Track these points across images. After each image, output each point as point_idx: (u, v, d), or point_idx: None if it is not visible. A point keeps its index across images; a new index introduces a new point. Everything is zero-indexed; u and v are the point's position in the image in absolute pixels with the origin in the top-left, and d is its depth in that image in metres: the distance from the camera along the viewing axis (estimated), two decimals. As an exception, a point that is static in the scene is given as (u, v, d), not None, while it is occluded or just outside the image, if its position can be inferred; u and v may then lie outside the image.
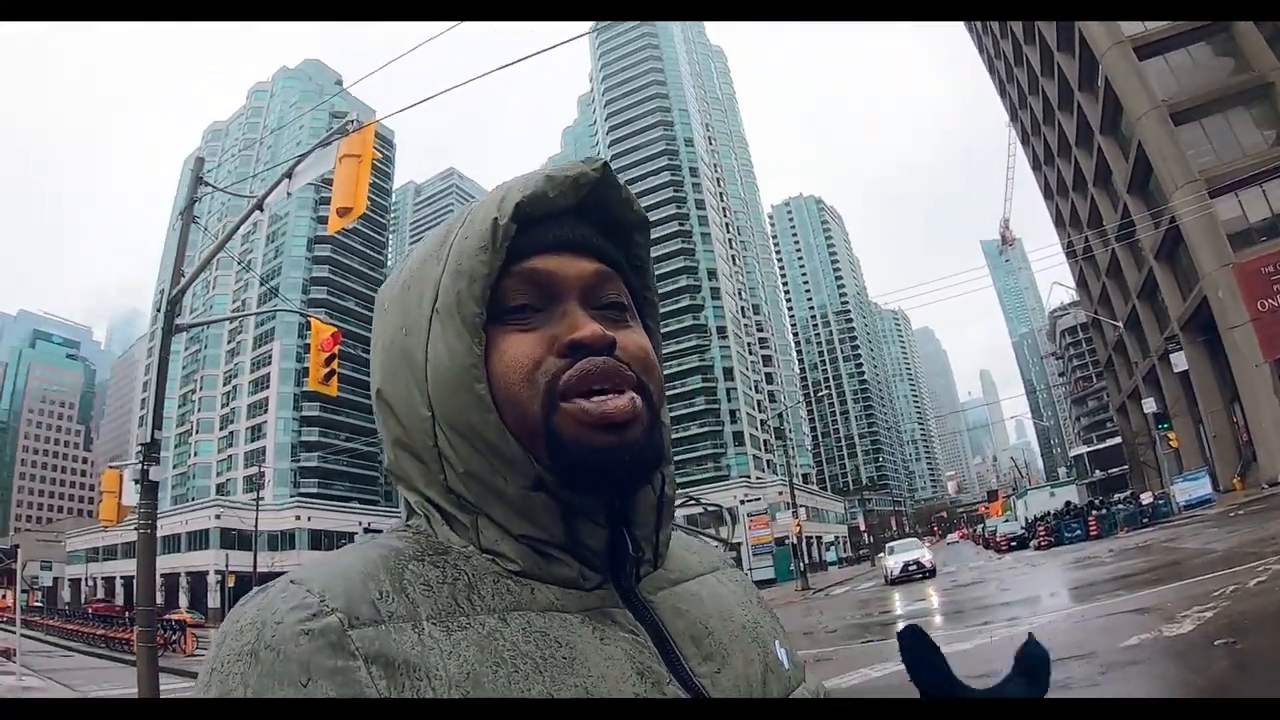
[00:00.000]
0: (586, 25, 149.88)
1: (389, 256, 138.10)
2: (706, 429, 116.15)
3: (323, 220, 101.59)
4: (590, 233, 0.87)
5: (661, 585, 0.88)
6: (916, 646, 0.78)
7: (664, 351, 0.94)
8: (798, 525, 51.31)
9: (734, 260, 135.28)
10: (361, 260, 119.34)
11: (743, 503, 72.49)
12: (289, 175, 13.97)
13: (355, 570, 0.74)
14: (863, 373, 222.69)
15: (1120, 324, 56.89)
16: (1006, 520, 68.53)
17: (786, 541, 63.86)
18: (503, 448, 0.78)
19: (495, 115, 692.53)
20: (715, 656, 0.84)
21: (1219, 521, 26.84)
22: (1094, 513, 45.15)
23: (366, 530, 77.58)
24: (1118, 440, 74.74)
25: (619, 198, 0.90)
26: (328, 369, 14.79)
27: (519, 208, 0.81)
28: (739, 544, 60.19)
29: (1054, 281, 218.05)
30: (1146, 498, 42.66)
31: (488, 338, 0.80)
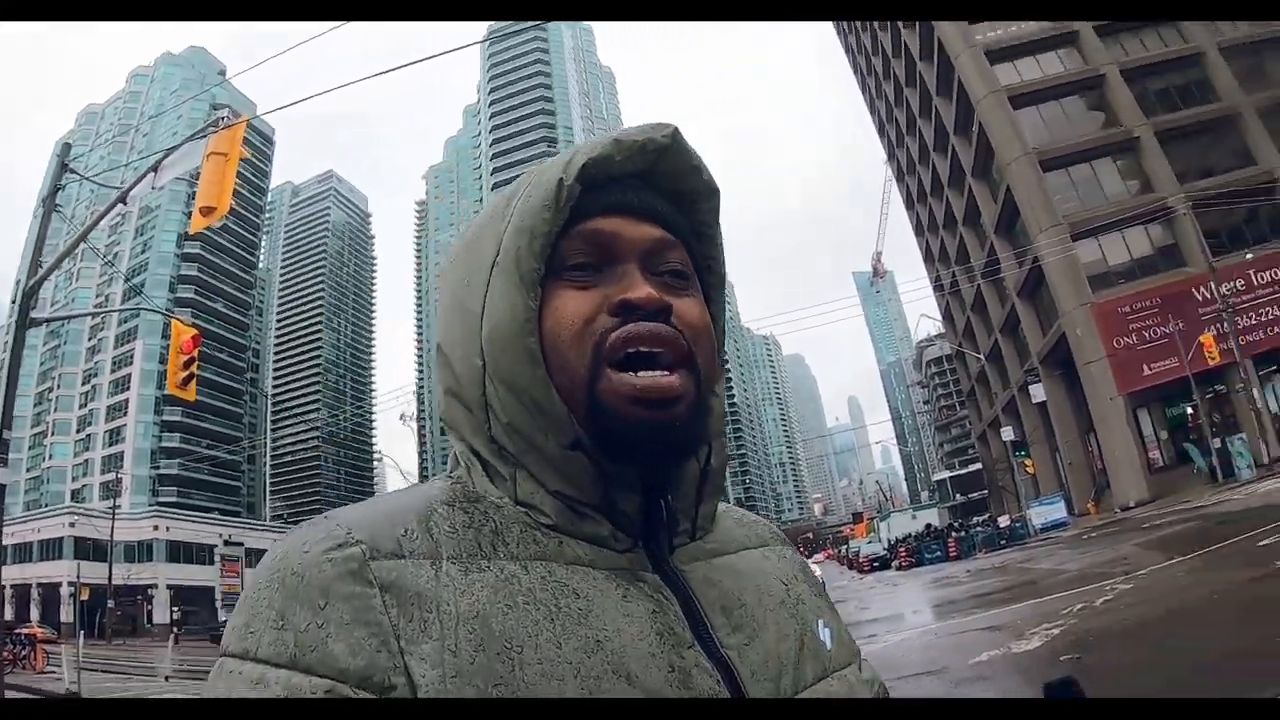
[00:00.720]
0: (479, 32, 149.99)
1: (261, 258, 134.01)
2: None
3: (192, 236, 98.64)
4: (655, 198, 0.89)
5: (698, 556, 0.89)
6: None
7: (722, 319, 0.95)
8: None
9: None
10: (233, 260, 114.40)
11: None
12: (155, 169, 13.46)
13: (385, 510, 0.78)
14: (732, 395, 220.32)
15: (983, 356, 59.26)
16: (870, 542, 69.81)
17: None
18: (546, 404, 0.80)
19: (379, 121, 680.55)
20: (745, 628, 0.85)
21: (1072, 544, 27.83)
22: (953, 535, 47.20)
23: (227, 543, 76.24)
24: (978, 466, 77.49)
25: (689, 165, 0.90)
26: (186, 372, 14.30)
27: (584, 169, 0.83)
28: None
29: (921, 314, 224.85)
30: (1004, 521, 44.85)
31: (544, 294, 0.82)
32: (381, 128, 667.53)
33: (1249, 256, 37.09)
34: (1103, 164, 42.47)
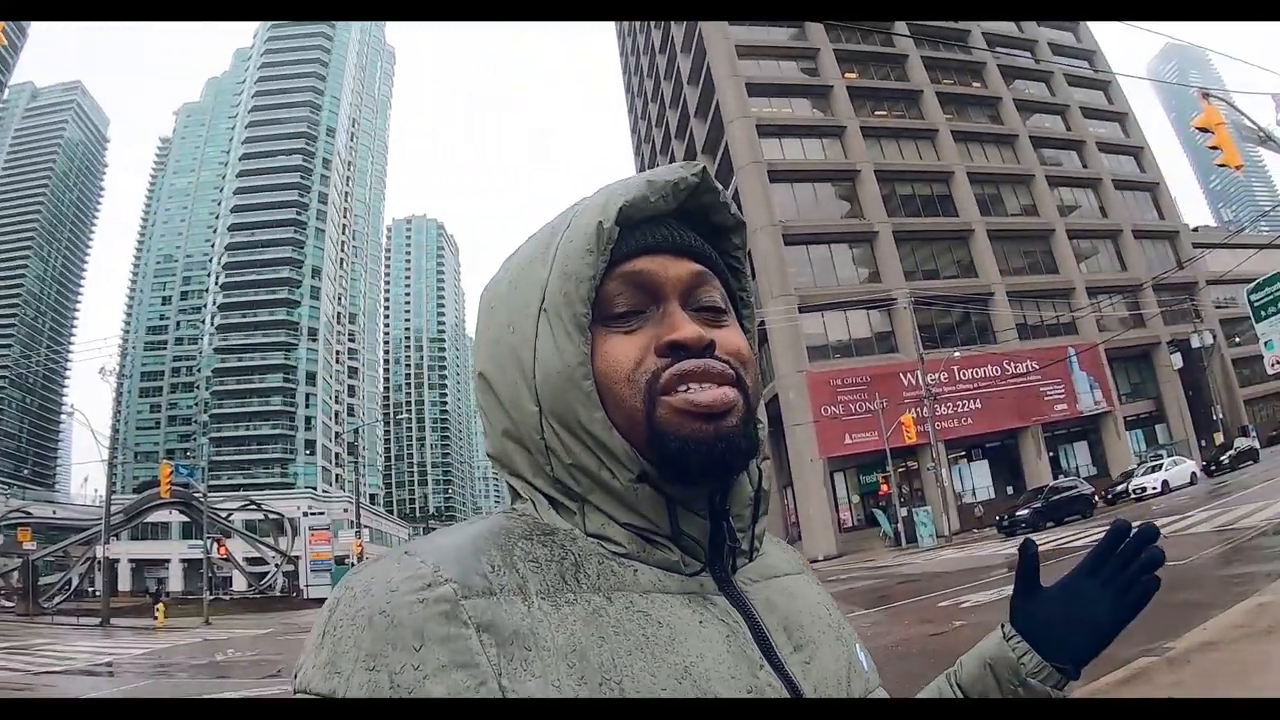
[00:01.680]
0: None
1: None
2: (279, 431, 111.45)
3: None
4: (689, 235, 0.90)
5: (755, 578, 0.92)
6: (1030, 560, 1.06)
7: (755, 346, 0.95)
8: (359, 545, 50.29)
9: (342, 264, 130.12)
10: None
11: (305, 514, 69.41)
12: None
13: (467, 545, 0.77)
14: (445, 403, 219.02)
15: (761, 422, 61.73)
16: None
17: (347, 560, 59.90)
18: (608, 442, 0.81)
19: (141, 42, 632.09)
20: (805, 648, 0.88)
21: None
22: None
23: None
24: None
25: (716, 202, 0.93)
26: None
27: (621, 211, 0.84)
28: (298, 557, 59.55)
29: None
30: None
31: (592, 337, 0.83)
32: (145, 51, 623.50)
33: (956, 355, 41.23)
34: (841, 249, 46.00)
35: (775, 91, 50.01)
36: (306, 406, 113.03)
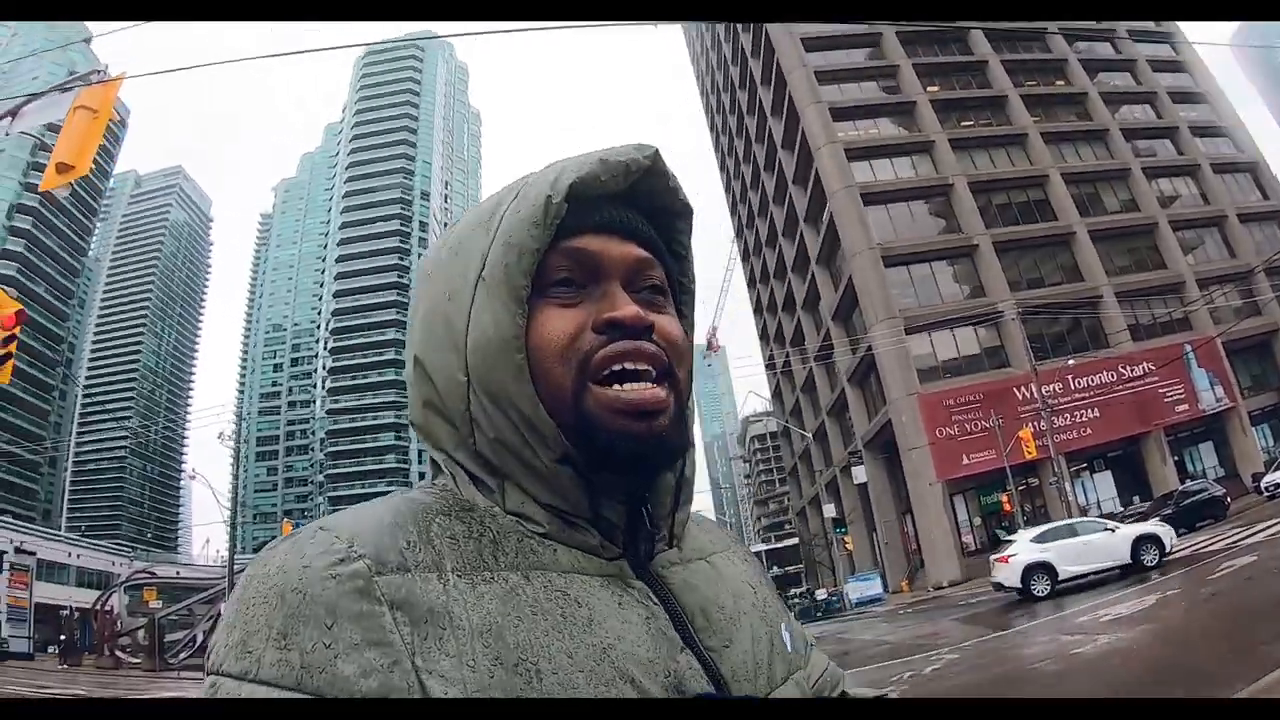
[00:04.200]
0: (356, 50, 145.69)
1: (92, 246, 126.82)
2: (394, 488, 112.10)
3: (31, 188, 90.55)
4: (636, 217, 0.91)
5: (675, 562, 0.92)
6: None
7: (693, 334, 0.99)
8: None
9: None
10: (62, 243, 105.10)
11: None
12: (12, 114, 12.07)
13: (383, 519, 0.76)
14: None
15: (809, 435, 61.04)
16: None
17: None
18: (535, 419, 0.81)
19: (239, 126, 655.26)
20: (723, 631, 0.88)
21: (888, 618, 28.56)
22: (773, 605, 48.70)
23: (19, 550, 71.76)
24: (795, 540, 79.17)
25: (666, 186, 0.93)
26: (3, 350, 12.58)
27: (572, 187, 0.83)
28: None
29: (750, 390, 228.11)
30: (821, 594, 46.12)
31: (529, 310, 0.83)
32: (240, 132, 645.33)
33: (1070, 363, 39.83)
34: (941, 266, 45.15)
35: (859, 114, 49.62)
36: (419, 462, 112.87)
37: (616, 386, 0.82)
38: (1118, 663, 10.16)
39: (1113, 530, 21.64)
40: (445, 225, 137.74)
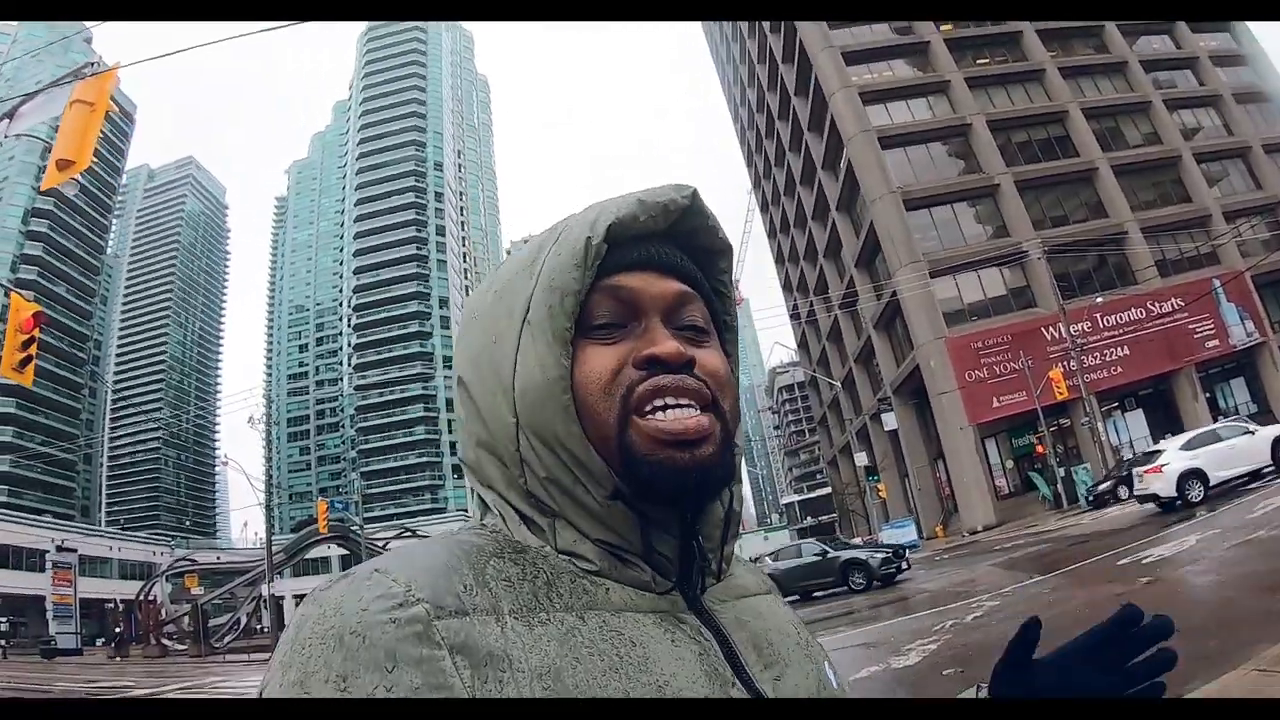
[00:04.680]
0: (358, 26, 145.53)
1: (110, 243, 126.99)
2: (425, 459, 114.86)
3: (46, 192, 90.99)
4: (675, 254, 0.91)
5: (724, 597, 0.92)
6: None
7: (738, 371, 0.97)
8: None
9: (468, 291, 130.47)
10: (80, 242, 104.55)
11: None
12: (9, 115, 12.38)
13: (439, 562, 0.76)
14: None
15: (837, 384, 61.09)
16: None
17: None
18: (584, 458, 0.81)
19: (246, 111, 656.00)
20: (774, 665, 0.88)
21: (925, 565, 27.95)
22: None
23: (60, 549, 72.26)
24: (827, 490, 79.05)
25: (705, 225, 0.93)
26: (24, 354, 13.00)
27: (610, 229, 0.84)
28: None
29: (776, 341, 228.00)
30: (857, 543, 46.20)
31: (573, 350, 0.83)
32: (248, 118, 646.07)
33: (1099, 300, 39.49)
34: (963, 207, 44.80)
35: (872, 56, 49.04)
36: (449, 432, 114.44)
37: (659, 415, 0.82)
38: (1161, 606, 9.72)
39: (1253, 433, 21.93)
40: (460, 194, 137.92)
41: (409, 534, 65.44)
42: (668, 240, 0.91)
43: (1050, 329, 39.40)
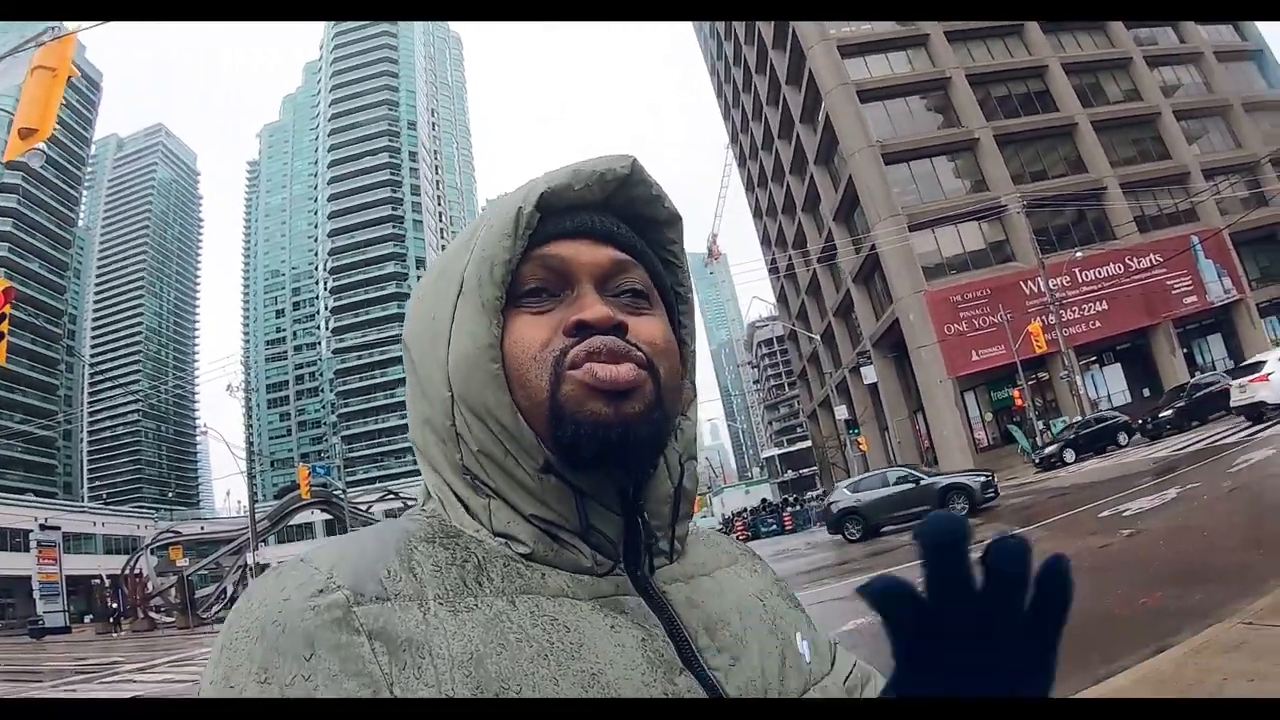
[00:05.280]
0: None
1: (81, 216, 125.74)
2: (406, 420, 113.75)
3: (11, 166, 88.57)
4: (612, 220, 0.89)
5: (677, 578, 0.89)
6: (892, 598, 0.68)
7: (693, 341, 0.98)
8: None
9: (443, 250, 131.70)
10: (50, 216, 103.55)
11: None
12: None
13: (366, 549, 0.75)
14: None
15: (817, 337, 61.11)
16: (704, 516, 71.67)
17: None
18: (513, 429, 0.80)
19: (215, 75, 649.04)
20: (730, 648, 0.85)
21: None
22: (789, 509, 49.10)
23: (43, 527, 71.95)
24: (807, 444, 79.65)
25: (647, 195, 0.92)
26: None
27: (543, 197, 0.84)
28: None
29: (754, 296, 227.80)
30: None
31: (505, 321, 0.82)
32: (217, 81, 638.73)
33: (1078, 255, 39.84)
34: (941, 161, 44.75)
35: (851, 10, 48.54)
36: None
37: (590, 365, 0.80)
38: (1144, 558, 10.13)
39: None
40: (435, 153, 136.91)
41: (392, 496, 65.81)
42: (606, 210, 0.89)
43: (1029, 283, 39.62)
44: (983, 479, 22.64)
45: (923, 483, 23.06)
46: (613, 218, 0.90)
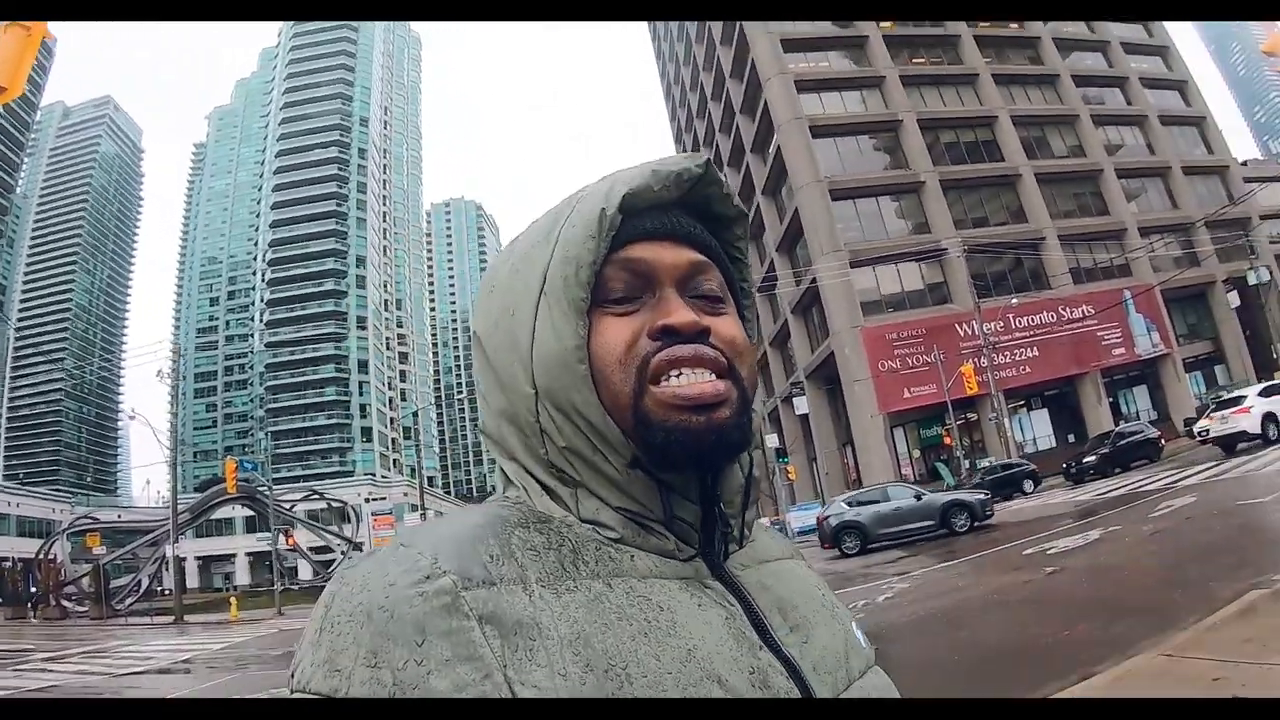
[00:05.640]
0: None
1: (20, 180, 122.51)
2: (335, 421, 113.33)
3: None
4: (690, 223, 0.91)
5: (747, 563, 0.92)
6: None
7: (755, 337, 0.95)
8: (425, 526, 50.64)
9: (385, 251, 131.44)
10: None
11: (367, 501, 71.68)
12: None
13: (464, 534, 0.76)
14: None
15: (762, 404, 61.64)
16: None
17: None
18: (602, 427, 0.81)
19: (167, 53, 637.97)
20: (801, 628, 0.88)
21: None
22: (714, 535, 49.23)
23: None
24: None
25: (719, 193, 0.93)
26: None
27: (625, 198, 0.84)
28: (362, 543, 60.08)
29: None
30: (765, 524, 46.90)
31: (589, 321, 0.83)
32: (171, 58, 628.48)
33: (1014, 302, 40.93)
34: (886, 201, 45.69)
35: (810, 46, 49.56)
36: (360, 394, 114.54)
37: (675, 382, 0.81)
38: (1067, 595, 10.41)
39: None
40: (385, 152, 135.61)
41: (317, 495, 64.92)
42: (682, 209, 0.91)
43: (964, 325, 40.53)
44: (980, 497, 23.03)
45: (924, 498, 23.26)
46: (689, 217, 0.91)
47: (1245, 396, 25.53)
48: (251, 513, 63.58)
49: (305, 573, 66.98)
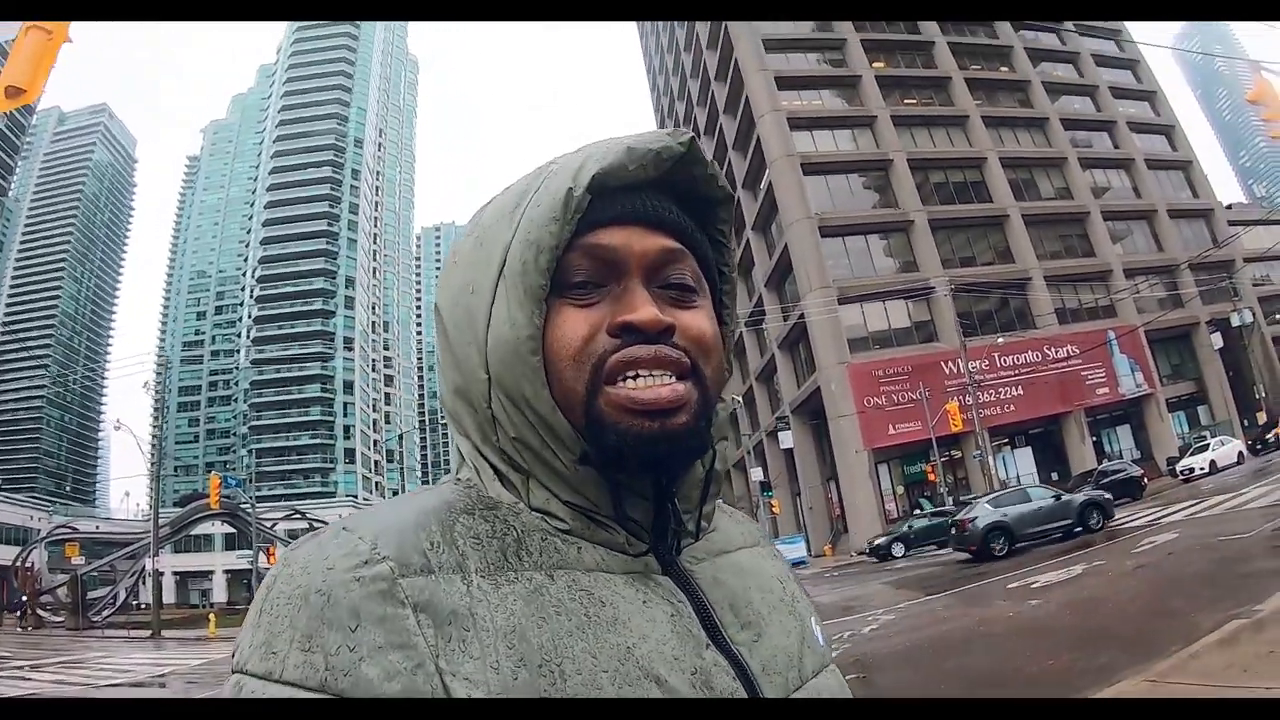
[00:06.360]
0: None
1: (13, 184, 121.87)
2: (318, 441, 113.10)
3: None
4: (666, 206, 0.85)
5: (702, 556, 0.88)
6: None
7: (733, 323, 0.93)
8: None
9: (375, 273, 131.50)
10: None
11: None
12: None
13: (407, 520, 0.75)
14: None
15: (738, 399, 61.31)
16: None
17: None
18: (552, 421, 0.78)
19: (166, 64, 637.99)
20: (753, 625, 0.85)
21: (814, 581, 28.81)
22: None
23: None
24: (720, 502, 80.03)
25: (703, 173, 0.87)
26: None
27: (595, 178, 0.79)
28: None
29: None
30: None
31: (548, 308, 0.79)
32: (170, 72, 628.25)
33: (1000, 341, 41.34)
34: (875, 239, 46.07)
35: (804, 84, 50.00)
36: (345, 415, 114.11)
37: (630, 384, 0.78)
38: (1052, 625, 10.59)
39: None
40: (378, 174, 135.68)
41: (298, 515, 64.69)
42: (659, 189, 0.86)
43: (949, 363, 40.66)
44: (1109, 496, 24.12)
45: (1064, 498, 23.52)
46: (665, 199, 0.86)
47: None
48: (231, 530, 63.39)
49: (285, 591, 66.61)
